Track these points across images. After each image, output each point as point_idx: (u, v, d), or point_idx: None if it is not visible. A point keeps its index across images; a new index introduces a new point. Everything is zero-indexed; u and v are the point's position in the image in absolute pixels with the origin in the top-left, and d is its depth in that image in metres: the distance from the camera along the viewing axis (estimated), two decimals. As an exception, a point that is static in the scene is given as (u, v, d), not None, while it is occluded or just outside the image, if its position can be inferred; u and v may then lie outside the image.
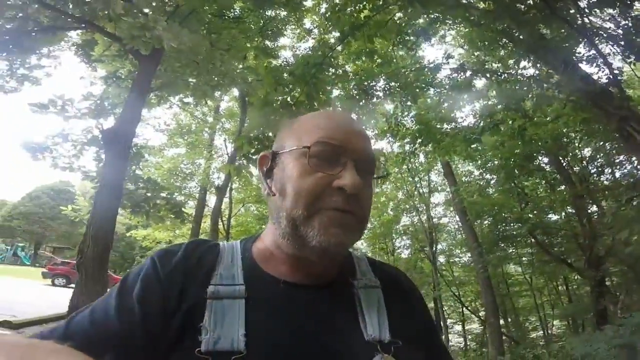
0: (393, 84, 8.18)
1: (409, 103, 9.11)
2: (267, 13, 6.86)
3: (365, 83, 7.95)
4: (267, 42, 7.84)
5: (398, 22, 6.16)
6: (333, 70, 7.14)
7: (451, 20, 6.03)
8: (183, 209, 8.29)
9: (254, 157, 6.10)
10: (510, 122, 6.94)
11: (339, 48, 6.74)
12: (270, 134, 6.42)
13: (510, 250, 10.25)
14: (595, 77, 4.59)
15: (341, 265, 0.61)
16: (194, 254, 0.57)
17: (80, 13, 4.41)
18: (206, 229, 12.48)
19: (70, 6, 4.20)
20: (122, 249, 28.15)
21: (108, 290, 0.52)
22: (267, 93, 6.11)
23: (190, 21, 5.51)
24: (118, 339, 0.46)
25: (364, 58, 7.64)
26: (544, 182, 9.61)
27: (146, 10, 5.25)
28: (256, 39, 7.57)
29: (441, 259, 13.76)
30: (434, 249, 12.52)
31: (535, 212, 9.08)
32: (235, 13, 6.51)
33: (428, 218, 13.19)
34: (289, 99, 6.15)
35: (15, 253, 27.83)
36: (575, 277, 9.19)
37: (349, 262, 0.64)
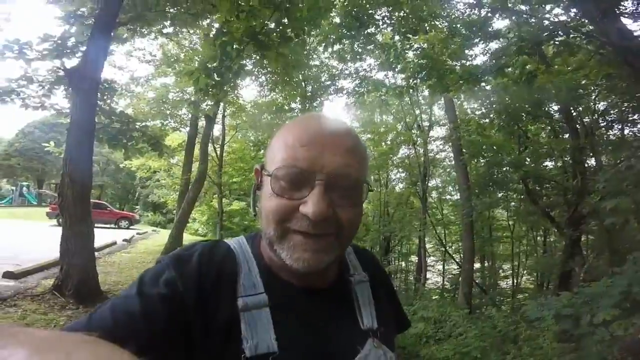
0: (396, 13, 7.10)
1: (409, 35, 8.08)
2: None
3: (365, 9, 6.88)
4: None
5: None
6: None
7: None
8: (162, 140, 8.06)
9: (212, 91, 5.61)
10: (519, 67, 6.21)
11: None
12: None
13: (500, 195, 10.24)
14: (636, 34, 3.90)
15: (338, 262, 0.64)
16: (211, 265, 0.56)
17: None
18: (198, 157, 12.34)
19: None
20: (122, 181, 28.33)
21: (133, 283, 0.52)
22: (225, 21, 5.34)
23: None
24: (144, 340, 0.45)
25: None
26: (549, 128, 9.17)
27: None
28: None
29: (433, 195, 13.95)
30: (426, 184, 12.54)
31: (533, 157, 8.87)
32: None
33: (424, 152, 12.92)
34: (257, 27, 5.37)
35: (22, 193, 26.78)
36: (555, 232, 9.39)
37: (343, 260, 0.68)
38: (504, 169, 9.36)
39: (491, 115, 9.56)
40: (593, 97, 6.83)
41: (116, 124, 6.95)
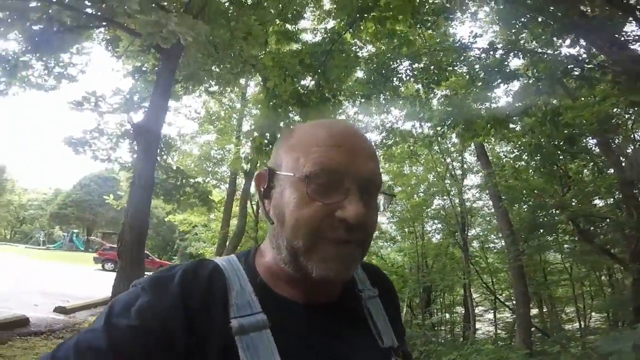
0: (416, 65, 7.74)
1: (432, 85, 8.61)
2: None
3: (387, 65, 7.58)
4: (288, 26, 7.65)
5: (410, 1, 5.69)
6: (346, 55, 6.87)
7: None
8: (210, 196, 8.68)
9: (266, 149, 6.18)
10: (541, 107, 6.35)
11: (349, 33, 6.39)
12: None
13: (550, 238, 9.61)
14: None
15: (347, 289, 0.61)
16: (196, 284, 0.51)
17: (98, 11, 4.53)
18: (236, 213, 12.98)
19: (89, 4, 4.31)
20: (163, 233, 29.83)
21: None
22: (275, 85, 6.06)
23: (206, 12, 5.51)
24: None
25: (382, 40, 7.25)
26: (591, 164, 8.83)
27: (164, 3, 5.32)
28: (276, 23, 7.42)
29: (475, 244, 13.25)
30: (466, 234, 12.04)
31: (578, 197, 8.44)
32: None
33: (460, 201, 12.57)
34: (300, 89, 6.06)
35: (71, 239, 29.53)
36: (621, 269, 8.51)
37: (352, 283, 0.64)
38: (552, 210, 8.95)
39: (524, 157, 9.47)
40: (629, 126, 6.66)
41: (172, 179, 7.54)
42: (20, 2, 4.00)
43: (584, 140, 7.86)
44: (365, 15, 5.77)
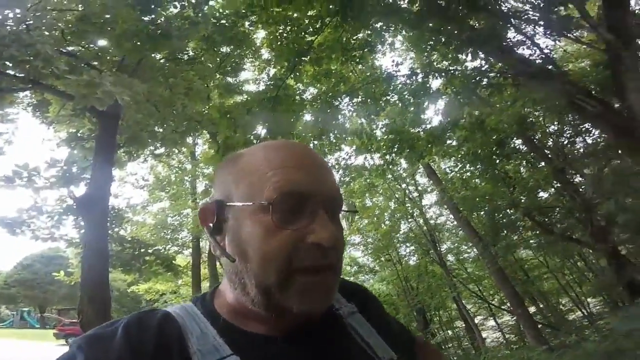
0: (355, 100, 8.48)
1: (372, 116, 9.37)
2: (221, 50, 6.95)
3: (330, 104, 8.22)
4: (229, 79, 8.00)
5: (338, 40, 6.41)
6: (292, 99, 7.34)
7: (391, 28, 6.34)
8: (174, 262, 8.23)
9: None
10: (469, 119, 7.20)
11: (291, 79, 6.93)
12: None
13: (515, 237, 10.26)
14: (530, 58, 4.82)
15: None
16: (144, 336, 0.45)
17: (22, 72, 4.39)
18: (207, 275, 12.30)
19: (10, 65, 4.16)
20: (128, 305, 28.02)
21: None
22: (227, 137, 6.19)
23: (141, 70, 5.55)
24: None
25: (321, 81, 7.92)
26: (524, 162, 9.79)
27: (95, 63, 5.29)
28: (216, 78, 7.69)
29: (450, 257, 13.76)
30: (439, 250, 12.51)
31: (524, 194, 9.19)
32: (189, 54, 6.56)
33: (424, 221, 13.15)
34: (252, 138, 6.26)
35: (23, 317, 28.93)
36: (590, 251, 9.15)
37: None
38: (506, 210, 9.59)
39: (467, 167, 10.32)
40: (542, 121, 7.64)
41: (128, 250, 7.13)
42: None
43: (512, 142, 8.76)
44: (303, 58, 6.31)
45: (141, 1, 4.33)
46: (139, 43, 4.46)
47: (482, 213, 10.71)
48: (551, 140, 7.92)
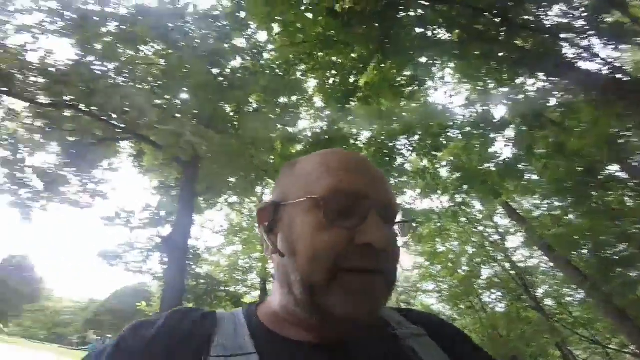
0: (412, 138, 8.33)
1: (433, 153, 9.01)
2: (280, 101, 7.54)
3: (385, 145, 8.24)
4: (289, 129, 8.64)
5: (384, 78, 6.61)
6: (347, 141, 7.56)
7: (437, 61, 6.33)
8: (242, 299, 8.62)
9: None
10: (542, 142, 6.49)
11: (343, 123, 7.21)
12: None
13: (633, 274, 8.56)
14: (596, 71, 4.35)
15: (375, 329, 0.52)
16: (181, 325, 0.47)
17: (123, 122, 5.45)
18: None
19: (114, 116, 5.21)
20: None
21: None
22: None
23: (214, 122, 6.41)
24: None
25: (375, 121, 8.08)
26: (628, 190, 8.28)
27: (178, 115, 6.29)
28: (278, 128, 8.31)
29: (549, 302, 11.85)
30: (533, 294, 10.96)
31: (637, 225, 7.67)
32: (253, 106, 7.25)
33: (511, 264, 11.85)
34: None
35: (104, 342, 32.56)
36: None
37: (383, 325, 0.55)
38: (616, 245, 8.07)
39: (556, 204, 9.06)
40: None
41: (202, 285, 7.87)
42: (55, 112, 4.99)
43: (606, 169, 7.56)
44: (351, 99, 6.67)
45: (209, 54, 5.17)
46: (210, 95, 5.28)
47: (583, 251, 9.18)
48: None
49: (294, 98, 7.63)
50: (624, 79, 4.12)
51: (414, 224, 0.51)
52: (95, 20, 4.96)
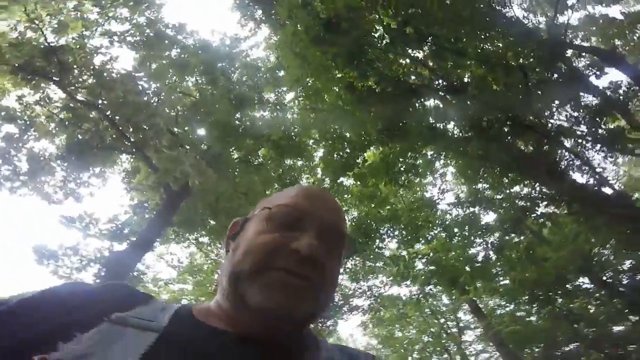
0: (396, 226, 8.51)
1: (411, 243, 9.17)
2: (285, 162, 7.74)
3: (370, 226, 8.30)
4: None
5: (384, 160, 7.00)
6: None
7: (441, 157, 6.86)
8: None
9: None
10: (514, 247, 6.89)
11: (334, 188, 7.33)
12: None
13: None
14: (582, 181, 4.86)
15: (302, 337, 0.54)
16: (115, 290, 0.50)
17: (135, 138, 5.15)
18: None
19: (131, 130, 4.93)
20: None
21: None
22: None
23: (218, 163, 6.29)
24: None
25: (364, 202, 8.28)
26: (592, 301, 8.79)
27: (187, 147, 6.09)
28: (275, 186, 8.32)
29: None
30: None
31: (593, 329, 8.01)
32: (259, 160, 7.33)
33: (462, 357, 12.12)
34: None
35: None
36: None
37: (313, 340, 0.57)
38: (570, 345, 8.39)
39: (519, 304, 9.29)
40: (611, 258, 7.16)
41: None
42: (83, 110, 4.61)
43: (577, 282, 8.09)
44: (348, 172, 6.88)
45: (239, 99, 5.28)
46: (225, 136, 5.25)
47: (536, 349, 9.21)
48: (625, 278, 7.27)
49: (299, 163, 7.79)
50: (608, 193, 4.59)
51: (352, 249, 0.55)
52: (165, 43, 5.10)
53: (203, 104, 5.48)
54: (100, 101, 4.59)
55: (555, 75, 5.05)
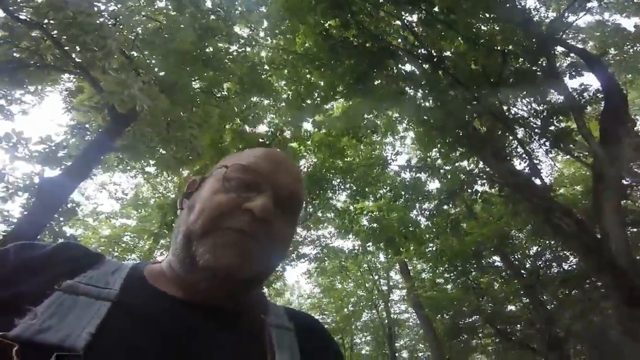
0: (347, 179, 8.81)
1: (357, 198, 9.58)
2: (251, 99, 7.38)
3: (323, 176, 8.51)
4: (247, 127, 8.16)
5: (349, 113, 7.02)
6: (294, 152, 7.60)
7: (405, 120, 6.99)
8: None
9: None
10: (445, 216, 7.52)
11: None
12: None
13: (474, 342, 10.14)
14: (519, 168, 5.30)
15: (250, 300, 0.55)
16: (64, 253, 0.48)
17: (81, 59, 4.54)
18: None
19: (78, 49, 4.32)
20: None
21: None
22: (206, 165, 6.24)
23: (174, 90, 5.80)
24: None
25: (323, 149, 8.38)
26: (498, 278, 10.06)
27: (140, 71, 5.54)
28: (236, 122, 7.84)
29: (404, 354, 13.13)
30: (393, 344, 12.22)
31: (492, 304, 9.33)
32: (223, 93, 6.91)
33: (387, 314, 13.11)
34: None
35: None
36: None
37: (262, 303, 0.58)
38: (471, 316, 9.55)
39: (442, 274, 10.35)
40: (523, 243, 8.11)
41: None
42: (23, 28, 3.95)
43: (491, 258, 9.08)
44: (313, 118, 6.80)
45: (206, 28, 4.83)
46: (184, 65, 4.82)
47: (446, 316, 10.64)
48: (529, 262, 8.34)
49: (265, 102, 7.44)
50: (536, 184, 5.08)
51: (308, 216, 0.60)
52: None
53: (167, 29, 4.91)
54: (46, 20, 3.91)
55: (534, 68, 5.20)
